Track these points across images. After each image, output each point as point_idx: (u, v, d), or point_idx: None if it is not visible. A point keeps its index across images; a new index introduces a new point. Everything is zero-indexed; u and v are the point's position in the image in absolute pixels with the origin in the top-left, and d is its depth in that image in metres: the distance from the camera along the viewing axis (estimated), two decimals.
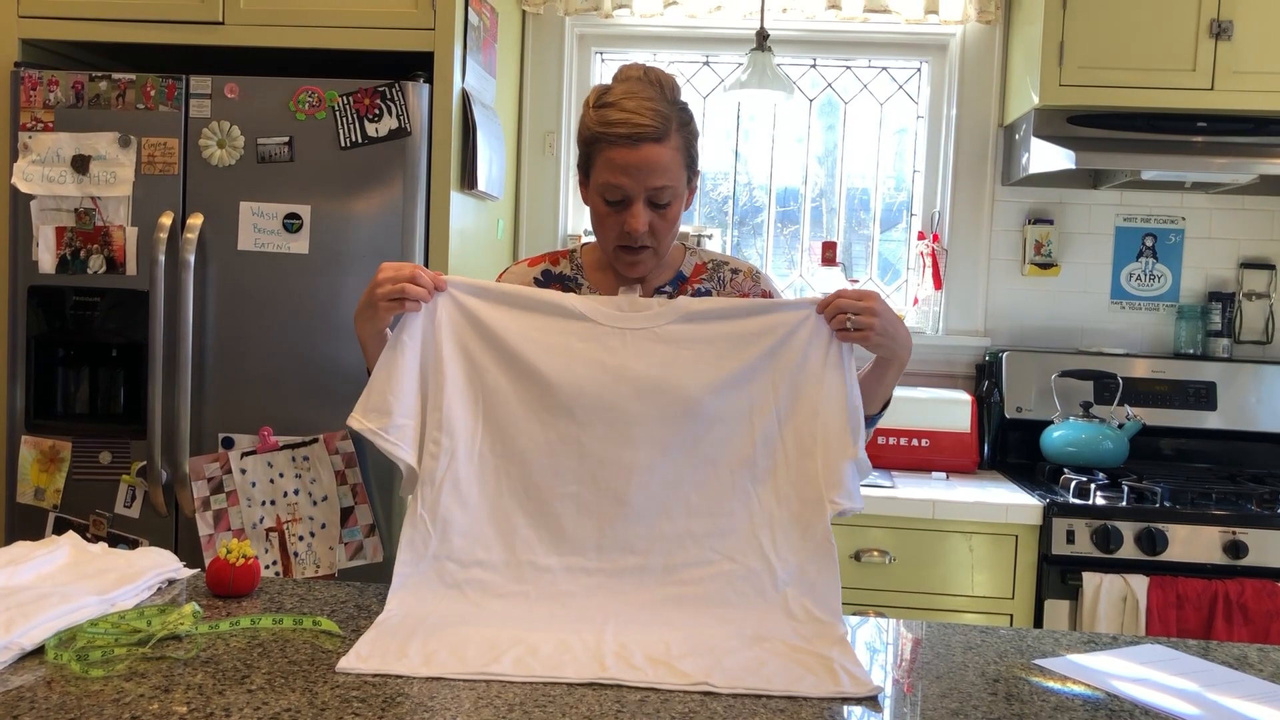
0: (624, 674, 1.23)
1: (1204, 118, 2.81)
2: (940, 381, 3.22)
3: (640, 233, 1.58)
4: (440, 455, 1.49)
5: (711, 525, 1.49)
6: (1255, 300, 3.20)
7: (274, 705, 1.11)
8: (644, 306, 1.55)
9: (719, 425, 1.51)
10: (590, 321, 1.53)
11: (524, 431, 1.51)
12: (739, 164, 3.42)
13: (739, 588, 1.46)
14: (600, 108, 1.57)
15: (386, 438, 1.47)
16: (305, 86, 2.42)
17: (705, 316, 1.53)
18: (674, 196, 1.59)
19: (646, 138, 1.54)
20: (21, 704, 1.09)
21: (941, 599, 2.59)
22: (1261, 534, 2.48)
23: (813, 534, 1.47)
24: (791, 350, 1.52)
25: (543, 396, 1.51)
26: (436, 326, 1.52)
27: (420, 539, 1.47)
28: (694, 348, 1.52)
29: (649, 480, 1.50)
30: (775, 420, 1.51)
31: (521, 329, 1.52)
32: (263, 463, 2.44)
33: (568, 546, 1.49)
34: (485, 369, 1.52)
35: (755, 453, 1.51)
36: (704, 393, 1.50)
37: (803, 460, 1.50)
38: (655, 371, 1.51)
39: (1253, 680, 1.31)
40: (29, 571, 1.43)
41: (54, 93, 2.46)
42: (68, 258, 2.47)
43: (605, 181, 1.57)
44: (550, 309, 1.54)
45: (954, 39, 3.24)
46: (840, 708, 1.18)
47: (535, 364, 1.51)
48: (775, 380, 1.51)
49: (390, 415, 1.47)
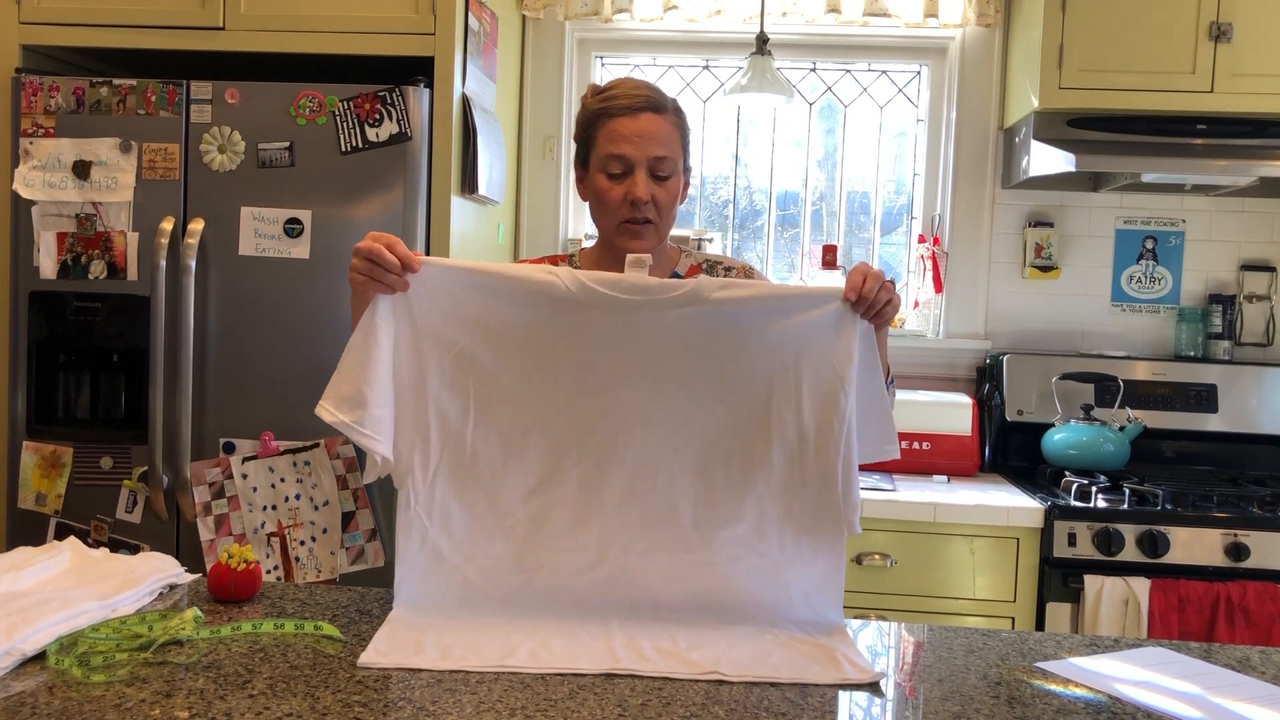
0: (636, 665, 1.25)
1: (1204, 120, 2.81)
2: (941, 385, 3.21)
3: (644, 200, 1.61)
4: (430, 449, 1.43)
5: (719, 516, 1.45)
6: (1256, 302, 3.20)
7: (276, 710, 1.11)
8: (654, 289, 1.43)
9: (732, 414, 1.44)
10: (589, 305, 1.42)
11: (519, 422, 1.44)
12: (739, 168, 3.42)
13: (744, 582, 1.43)
14: (598, 93, 1.69)
15: (362, 431, 1.38)
16: (306, 91, 2.43)
17: (723, 305, 1.42)
18: (673, 170, 1.66)
19: (647, 107, 1.64)
20: (23, 709, 1.09)
21: (943, 602, 2.58)
22: (1263, 536, 2.48)
23: (824, 535, 1.44)
24: (819, 350, 1.43)
25: (538, 385, 1.44)
26: (414, 311, 1.41)
27: (418, 534, 1.43)
28: (709, 338, 1.43)
29: (654, 474, 1.45)
30: (793, 412, 1.43)
31: (511, 314, 1.43)
32: (264, 468, 2.44)
33: (569, 541, 1.45)
34: (474, 356, 1.43)
35: (771, 446, 1.44)
36: (718, 387, 1.44)
37: (821, 457, 1.43)
38: (665, 362, 1.43)
39: (1255, 683, 1.31)
40: (30, 577, 1.43)
41: (55, 98, 2.47)
42: (69, 263, 2.47)
43: (608, 153, 1.63)
44: (540, 290, 1.42)
45: (953, 42, 3.24)
46: (844, 695, 1.20)
47: (528, 351, 1.43)
48: (796, 370, 1.43)
49: (365, 407, 1.38)
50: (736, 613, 1.41)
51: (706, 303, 1.41)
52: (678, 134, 1.67)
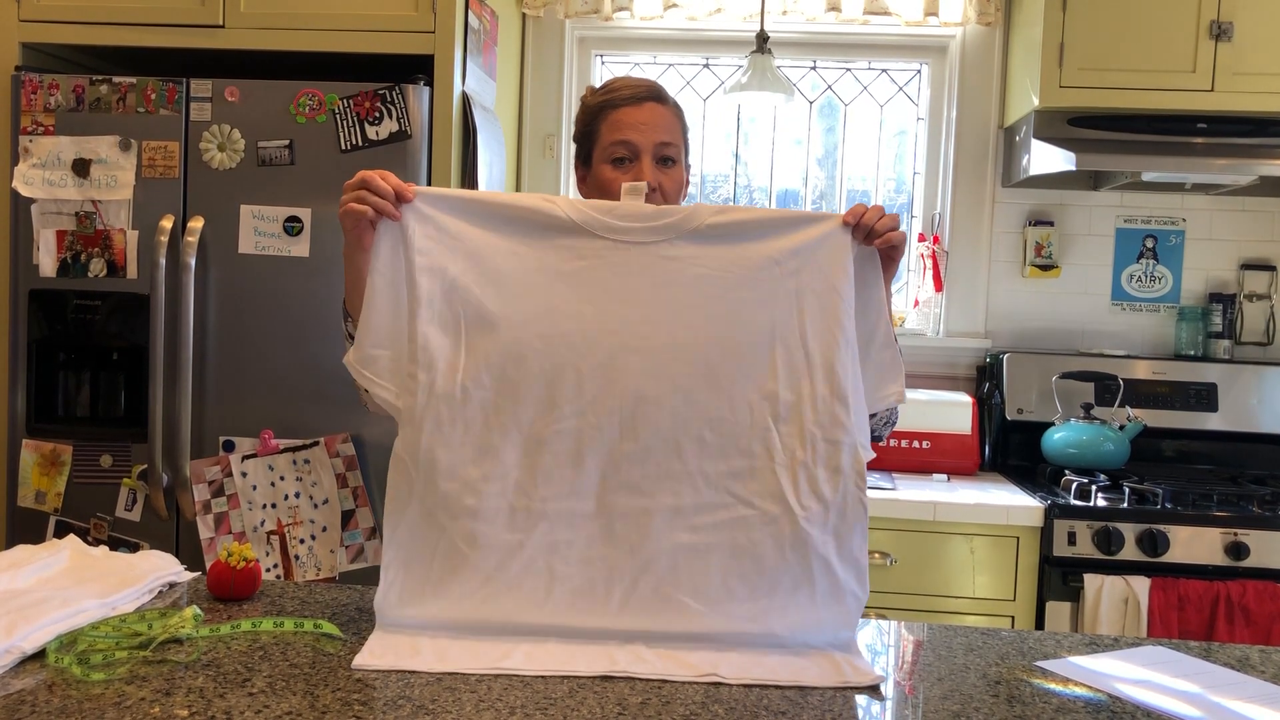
0: (633, 667, 1.24)
1: (1204, 119, 2.81)
2: (941, 383, 3.21)
3: (652, 186, 1.61)
4: (418, 390, 1.34)
5: (726, 466, 1.35)
6: (1256, 301, 3.20)
7: (275, 708, 1.11)
8: (651, 215, 1.38)
9: (736, 354, 1.36)
10: (586, 232, 1.37)
11: (512, 359, 1.35)
12: (739, 166, 3.42)
13: (754, 535, 1.33)
14: (600, 89, 1.71)
15: (362, 371, 1.35)
16: (306, 90, 2.42)
17: (720, 231, 1.38)
18: (678, 158, 1.68)
19: (650, 97, 1.66)
20: (23, 707, 1.09)
21: (943, 601, 2.59)
22: (1263, 535, 2.48)
23: (843, 478, 1.35)
24: (818, 269, 1.37)
25: (533, 319, 1.36)
26: (408, 244, 1.36)
27: (404, 485, 1.35)
28: (709, 265, 1.37)
29: (656, 414, 1.35)
30: (801, 349, 1.36)
31: (507, 244, 1.37)
32: (263, 466, 2.44)
33: (565, 489, 1.35)
34: (466, 290, 1.36)
35: (778, 385, 1.36)
36: (720, 317, 1.37)
37: (833, 393, 1.35)
38: (664, 292, 1.36)
39: (1255, 682, 1.31)
40: (30, 575, 1.43)
41: (55, 96, 2.47)
42: (68, 261, 2.47)
43: (613, 141, 1.64)
44: (538, 219, 1.38)
45: (954, 41, 3.24)
46: (843, 698, 1.19)
47: (523, 282, 1.36)
48: (800, 304, 1.37)
49: (362, 347, 1.35)
50: (745, 575, 1.33)
51: (704, 227, 1.38)
52: (679, 125, 1.69)
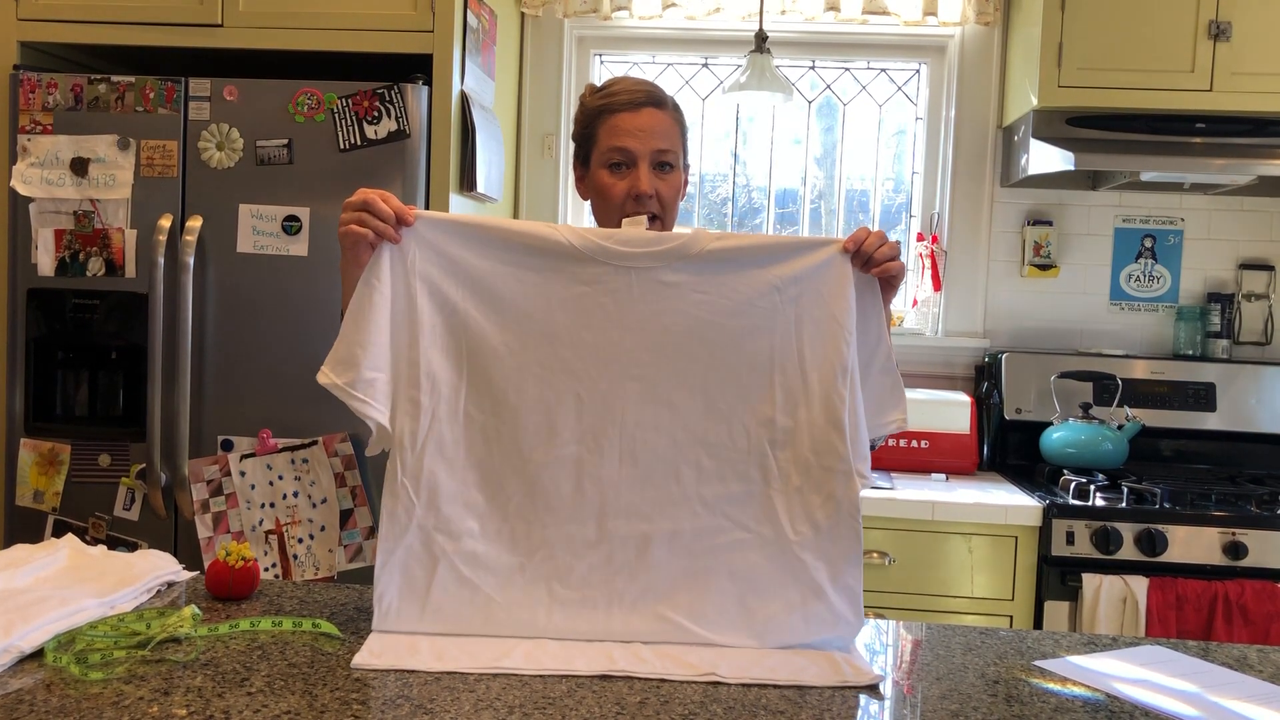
0: (632, 666, 1.24)
1: (1203, 119, 2.81)
2: (939, 383, 3.22)
3: (649, 194, 1.62)
4: (420, 415, 1.35)
5: (724, 490, 1.37)
6: (1254, 301, 3.20)
7: (274, 708, 1.11)
8: (651, 241, 1.39)
9: (735, 380, 1.38)
10: (587, 259, 1.38)
11: (514, 386, 1.37)
12: (738, 166, 3.42)
13: (751, 559, 1.36)
14: (598, 91, 1.70)
15: (354, 394, 1.33)
16: (304, 89, 2.42)
17: (720, 256, 1.38)
18: (675, 164, 1.67)
19: (648, 102, 1.65)
20: (21, 707, 1.09)
21: (941, 600, 2.59)
22: (1261, 535, 2.48)
23: (837, 505, 1.36)
24: (817, 296, 1.38)
25: (534, 346, 1.37)
26: (408, 268, 1.36)
27: (404, 509, 1.35)
28: (708, 291, 1.38)
29: (655, 440, 1.37)
30: (799, 375, 1.38)
31: (508, 270, 1.37)
32: (262, 465, 2.44)
33: (565, 514, 1.37)
34: (467, 315, 1.37)
35: (776, 411, 1.38)
36: (719, 343, 1.38)
37: (829, 421, 1.37)
38: (664, 318, 1.37)
39: (1253, 681, 1.31)
40: (28, 574, 1.43)
41: (53, 95, 2.46)
42: (67, 260, 2.47)
43: (611, 147, 1.64)
44: (539, 245, 1.38)
45: (953, 40, 3.24)
46: (842, 698, 1.20)
47: (524, 309, 1.37)
48: (799, 330, 1.38)
49: (357, 368, 1.33)
50: (742, 596, 1.35)
51: (704, 253, 1.38)
52: (678, 129, 1.69)
